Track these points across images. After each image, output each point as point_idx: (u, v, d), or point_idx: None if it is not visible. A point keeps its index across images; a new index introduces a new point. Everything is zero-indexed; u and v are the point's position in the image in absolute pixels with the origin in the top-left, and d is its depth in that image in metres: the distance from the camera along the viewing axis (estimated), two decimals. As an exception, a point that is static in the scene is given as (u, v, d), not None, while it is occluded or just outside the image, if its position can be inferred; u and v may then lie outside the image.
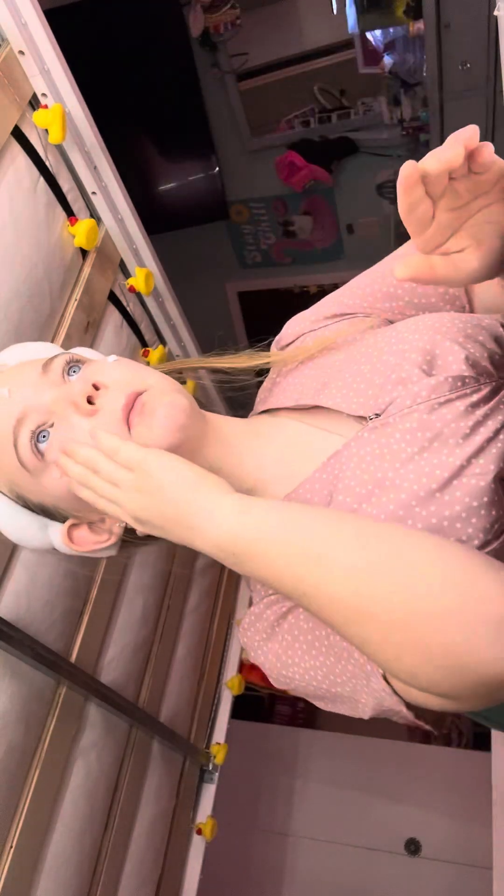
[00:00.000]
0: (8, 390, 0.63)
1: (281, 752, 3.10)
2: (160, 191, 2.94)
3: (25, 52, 1.11)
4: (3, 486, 0.66)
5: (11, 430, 0.62)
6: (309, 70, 2.65)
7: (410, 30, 2.29)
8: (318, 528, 0.52)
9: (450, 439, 0.58)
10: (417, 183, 0.49)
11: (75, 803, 1.31)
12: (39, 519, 0.68)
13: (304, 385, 0.71)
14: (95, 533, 0.68)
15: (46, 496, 0.65)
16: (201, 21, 2.44)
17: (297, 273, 3.26)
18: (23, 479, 0.64)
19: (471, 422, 0.58)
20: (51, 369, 0.64)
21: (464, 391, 0.60)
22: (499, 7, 1.10)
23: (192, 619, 1.93)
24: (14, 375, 0.66)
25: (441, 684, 0.48)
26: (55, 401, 0.62)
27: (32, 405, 0.62)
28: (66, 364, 0.65)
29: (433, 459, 0.57)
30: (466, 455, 0.57)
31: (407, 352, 0.64)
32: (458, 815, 2.77)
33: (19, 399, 0.63)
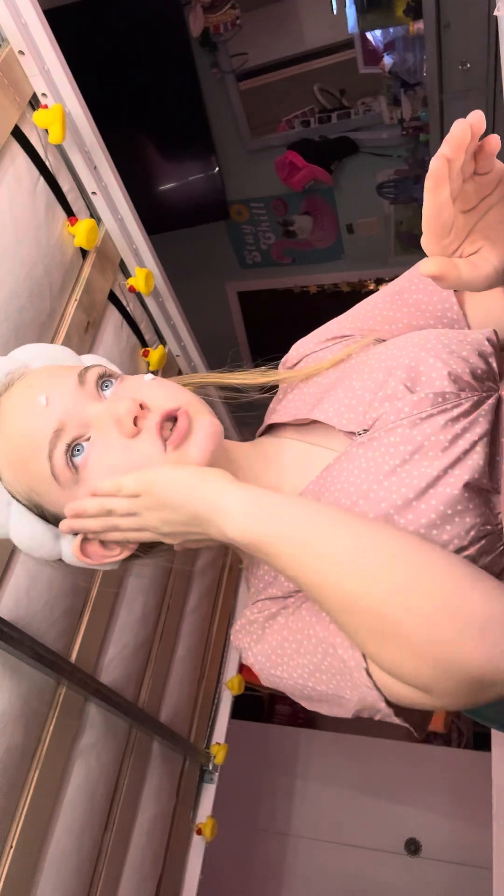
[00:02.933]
0: (46, 398, 0.62)
1: (281, 752, 3.10)
2: (160, 191, 2.94)
3: (25, 52, 1.11)
4: (21, 493, 0.65)
5: (48, 441, 0.61)
6: (309, 70, 2.65)
7: (410, 30, 2.29)
8: (318, 526, 0.55)
9: (429, 451, 0.61)
10: (446, 180, 0.50)
11: (75, 803, 1.31)
12: (53, 529, 0.67)
13: (301, 402, 0.75)
14: (107, 548, 0.68)
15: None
16: (201, 21, 2.44)
17: (297, 273, 3.26)
18: (49, 489, 0.63)
19: (450, 435, 0.61)
20: (87, 381, 0.64)
21: (444, 406, 0.62)
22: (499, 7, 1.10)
23: (192, 619, 1.93)
24: (49, 383, 0.64)
25: (426, 678, 0.51)
26: (98, 416, 0.62)
27: (72, 418, 0.62)
28: (98, 378, 0.65)
29: (413, 471, 0.60)
30: (443, 466, 0.60)
31: (393, 369, 0.67)
32: (458, 815, 2.77)
33: (59, 409, 0.62)
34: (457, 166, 0.50)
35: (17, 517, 0.67)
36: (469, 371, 0.65)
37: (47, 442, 0.61)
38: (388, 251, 3.01)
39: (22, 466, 0.63)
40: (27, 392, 0.63)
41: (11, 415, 0.63)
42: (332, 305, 3.49)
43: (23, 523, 0.67)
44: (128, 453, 0.61)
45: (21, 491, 0.65)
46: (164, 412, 0.62)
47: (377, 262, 3.07)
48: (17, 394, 0.64)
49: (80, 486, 0.62)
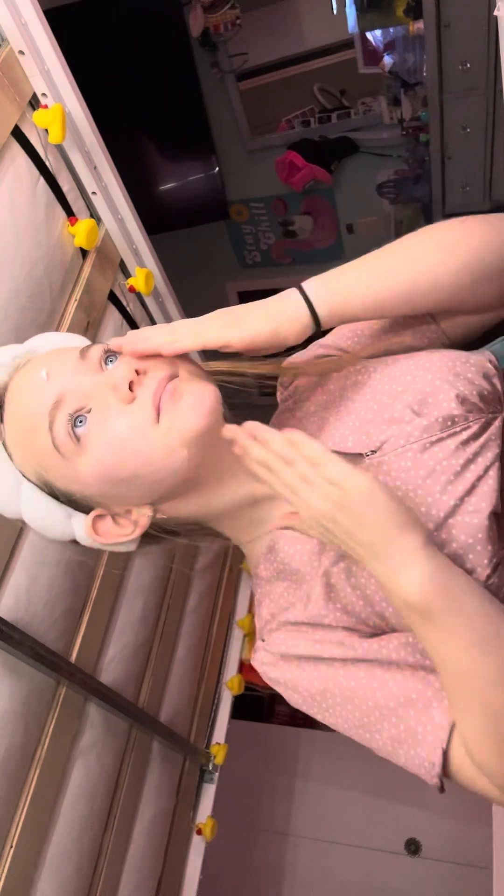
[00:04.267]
0: (46, 372, 0.62)
1: (281, 752, 3.10)
2: (160, 191, 2.94)
3: (25, 52, 1.11)
4: (31, 471, 0.65)
5: (48, 413, 0.61)
6: (309, 70, 2.65)
7: (410, 30, 2.29)
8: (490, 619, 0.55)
9: (441, 476, 0.61)
10: None
11: (75, 803, 1.31)
12: (64, 508, 0.67)
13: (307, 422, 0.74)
14: (120, 525, 0.67)
15: (76, 483, 0.64)
16: (201, 21, 2.44)
17: (297, 273, 3.26)
18: (54, 463, 0.62)
19: (462, 459, 0.61)
20: (88, 356, 0.64)
21: (453, 430, 0.63)
22: (499, 7, 1.10)
23: (192, 619, 1.93)
24: (51, 358, 0.65)
25: None
26: (95, 386, 0.61)
27: (71, 388, 0.61)
28: (103, 353, 0.64)
29: (427, 498, 0.61)
30: (459, 494, 0.60)
31: (400, 392, 0.67)
32: (458, 815, 2.77)
33: (57, 382, 0.62)
34: None
35: (28, 496, 0.66)
36: (476, 393, 0.65)
37: (47, 414, 0.61)
38: (388, 251, 3.01)
39: (27, 442, 0.63)
40: (30, 371, 0.64)
41: (16, 394, 0.64)
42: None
43: (34, 502, 0.66)
44: (126, 420, 0.60)
45: (31, 469, 0.65)
46: (164, 377, 0.61)
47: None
48: (23, 375, 0.65)
49: (83, 457, 0.61)
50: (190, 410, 0.61)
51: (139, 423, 0.60)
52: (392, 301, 0.65)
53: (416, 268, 0.65)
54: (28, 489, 0.66)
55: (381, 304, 0.65)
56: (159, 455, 0.60)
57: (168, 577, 1.76)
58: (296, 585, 0.67)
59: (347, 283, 0.65)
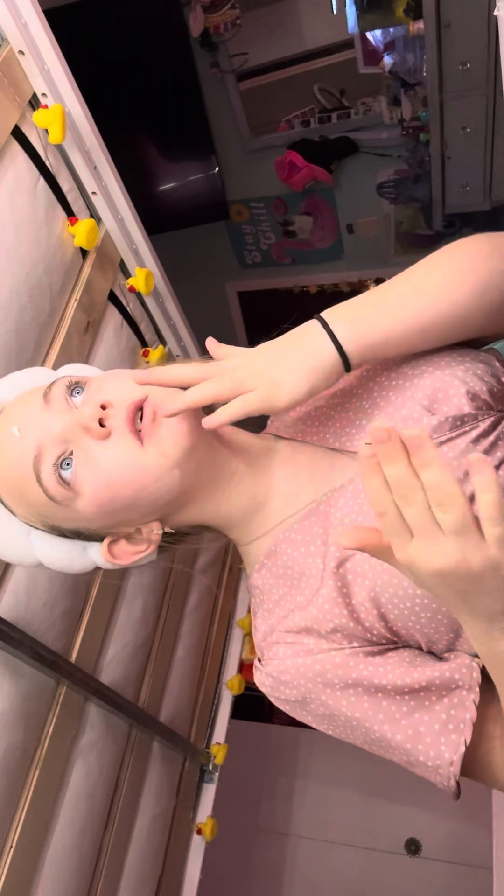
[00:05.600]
0: (17, 428, 0.63)
1: (281, 752, 3.10)
2: (160, 191, 2.94)
3: (25, 52, 1.11)
4: (35, 521, 0.66)
5: (32, 468, 0.61)
6: (309, 70, 2.65)
7: (410, 30, 2.29)
8: None
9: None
10: None
11: (75, 803, 1.31)
12: (78, 543, 0.68)
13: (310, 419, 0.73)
14: (134, 544, 0.68)
15: (80, 521, 0.65)
16: (201, 21, 2.44)
17: (297, 273, 3.26)
18: (53, 511, 0.64)
19: None
20: (52, 398, 0.63)
21: (463, 429, 0.62)
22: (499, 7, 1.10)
23: (192, 619, 1.93)
24: (18, 411, 0.65)
25: None
26: (66, 429, 0.62)
27: (45, 438, 0.62)
28: (66, 389, 0.64)
29: None
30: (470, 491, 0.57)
31: (410, 389, 0.66)
32: (458, 815, 2.77)
33: (31, 435, 0.62)
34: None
35: (40, 543, 0.67)
36: (486, 390, 0.65)
37: (32, 469, 0.61)
38: (388, 251, 3.01)
39: (23, 498, 0.64)
40: (2, 428, 0.64)
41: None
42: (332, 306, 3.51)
43: (48, 547, 0.68)
44: (110, 454, 0.61)
45: (35, 519, 0.66)
46: (129, 406, 0.61)
47: (377, 262, 3.07)
48: None
49: (79, 498, 0.62)
50: (171, 431, 0.61)
51: (124, 455, 0.61)
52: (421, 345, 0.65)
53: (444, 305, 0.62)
54: (38, 537, 0.67)
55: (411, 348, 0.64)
56: (151, 480, 0.61)
57: (168, 577, 1.76)
58: (297, 590, 0.67)
59: (382, 331, 0.61)
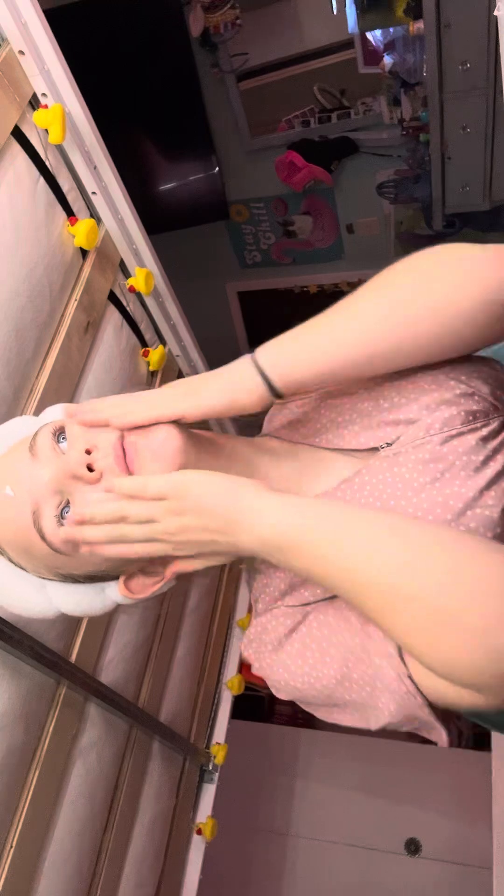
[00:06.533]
0: (10, 488, 0.62)
1: (281, 752, 3.10)
2: (160, 191, 2.94)
3: (25, 52, 1.11)
4: (46, 573, 0.66)
5: (32, 525, 0.61)
6: (309, 70, 2.65)
7: (410, 30, 2.29)
8: (359, 523, 0.54)
9: (461, 471, 0.60)
10: None
11: (75, 803, 1.31)
12: (94, 586, 0.68)
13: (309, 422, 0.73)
14: (150, 576, 0.68)
15: (89, 566, 0.65)
16: (201, 21, 2.44)
17: (297, 273, 3.26)
18: (62, 561, 0.64)
19: (482, 456, 0.61)
20: (38, 449, 0.63)
21: (474, 425, 0.63)
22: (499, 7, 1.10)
23: (192, 619, 1.93)
24: (7, 469, 0.64)
25: (481, 671, 0.48)
26: (56, 479, 0.61)
27: (40, 493, 0.61)
28: (52, 436, 0.63)
29: (445, 490, 0.60)
30: (478, 487, 0.59)
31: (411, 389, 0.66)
32: (458, 815, 2.77)
33: (24, 493, 0.62)
34: None
35: (56, 593, 0.68)
36: (489, 391, 0.65)
37: (34, 527, 0.61)
38: (388, 251, 3.01)
39: (31, 555, 0.64)
40: None
41: None
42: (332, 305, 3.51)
43: (65, 596, 0.68)
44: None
45: (46, 571, 0.66)
46: (114, 446, 0.61)
47: (377, 262, 3.04)
48: None
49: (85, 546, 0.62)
50: (156, 462, 0.60)
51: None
52: (349, 371, 0.62)
53: (372, 336, 0.60)
54: (54, 588, 0.67)
55: (338, 373, 0.62)
56: None
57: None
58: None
59: (299, 353, 0.62)
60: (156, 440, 0.61)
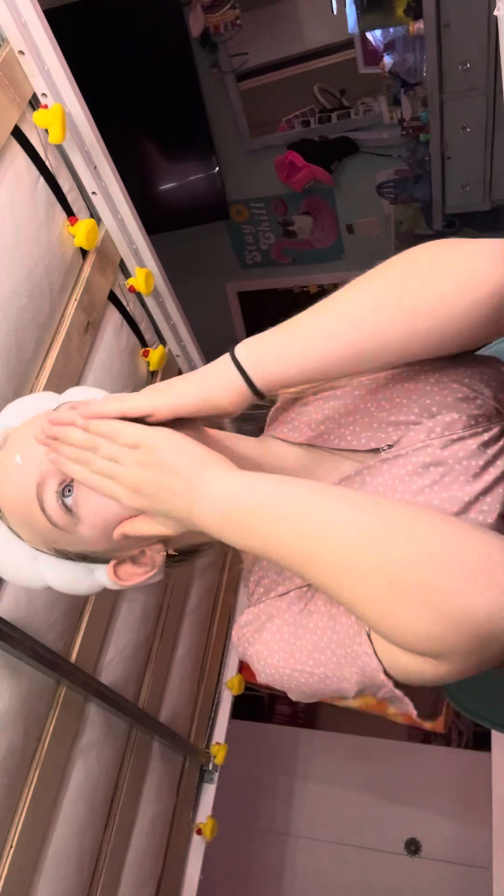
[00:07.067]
0: (20, 456, 0.64)
1: (281, 752, 3.10)
2: (160, 191, 2.94)
3: (25, 52, 1.11)
4: (42, 545, 0.67)
5: (35, 495, 0.62)
6: (309, 70, 2.65)
7: (410, 30, 2.29)
8: (315, 497, 0.54)
9: (460, 476, 0.61)
10: None
11: (75, 803, 1.31)
12: (84, 566, 0.69)
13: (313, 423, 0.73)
14: (139, 565, 0.69)
15: (83, 545, 0.66)
16: (201, 21, 2.44)
17: (297, 273, 3.26)
18: (58, 536, 0.65)
19: (482, 461, 0.61)
20: None
21: (476, 430, 0.63)
22: (499, 7, 1.10)
23: (192, 619, 1.93)
24: (21, 439, 0.66)
25: (435, 637, 0.48)
26: None
27: (46, 468, 0.62)
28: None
29: (442, 493, 0.60)
30: (476, 492, 0.60)
31: (413, 392, 0.66)
32: (458, 815, 2.77)
33: (32, 463, 0.63)
34: None
35: (47, 566, 0.69)
36: (491, 394, 0.66)
37: (35, 498, 0.62)
38: (388, 251, 2.98)
39: (28, 524, 0.65)
40: (6, 458, 0.65)
41: (2, 483, 0.65)
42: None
43: (55, 571, 0.69)
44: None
45: (41, 544, 0.67)
46: None
47: (377, 262, 3.05)
48: (2, 461, 0.66)
49: (81, 524, 0.63)
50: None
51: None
52: (335, 366, 0.60)
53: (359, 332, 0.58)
54: (46, 561, 0.69)
55: (324, 369, 0.60)
56: None
57: (168, 577, 1.76)
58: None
59: (280, 347, 0.60)
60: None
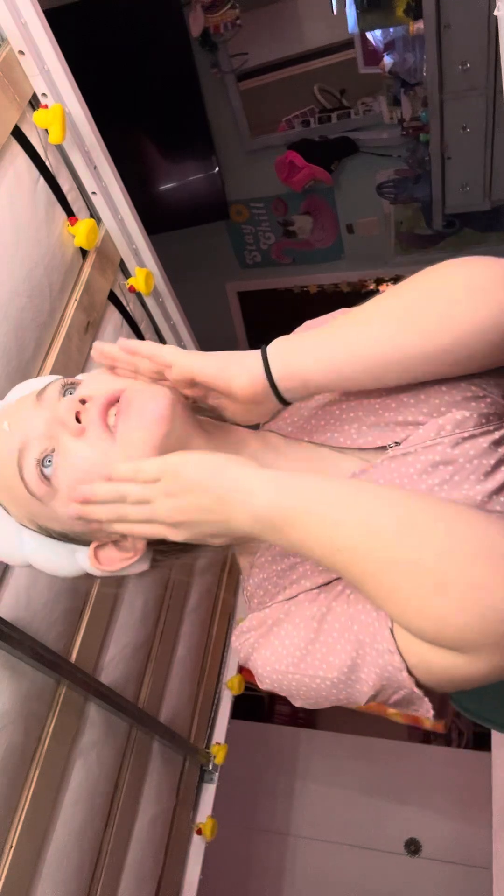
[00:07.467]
0: (7, 423, 0.65)
1: (281, 752, 3.10)
2: (160, 191, 2.94)
3: (25, 52, 1.11)
4: (26, 520, 0.67)
5: (16, 462, 0.63)
6: (309, 70, 2.65)
7: (410, 30, 2.29)
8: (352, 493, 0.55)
9: (471, 475, 0.60)
10: None
11: (75, 803, 1.31)
12: (66, 546, 0.68)
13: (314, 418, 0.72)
14: (122, 550, 0.68)
15: (63, 523, 0.65)
16: (201, 21, 2.44)
17: (297, 273, 3.26)
18: (37, 508, 0.64)
19: (493, 459, 0.60)
20: (45, 397, 0.65)
21: (487, 428, 0.62)
22: (499, 7, 1.10)
23: (192, 619, 1.93)
24: (14, 409, 0.67)
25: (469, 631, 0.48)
26: (49, 424, 0.62)
27: (29, 434, 0.63)
28: (61, 388, 0.65)
29: (453, 493, 0.59)
30: (487, 491, 0.59)
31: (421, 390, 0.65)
32: (458, 815, 2.77)
33: (17, 430, 0.63)
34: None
35: (29, 543, 0.68)
36: (502, 395, 0.65)
37: (16, 464, 0.62)
38: (388, 251, 3.01)
39: (11, 495, 0.65)
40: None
41: None
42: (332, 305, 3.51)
43: (37, 548, 0.68)
44: (84, 450, 0.61)
45: (25, 518, 0.67)
46: (104, 399, 0.62)
47: (377, 262, 3.07)
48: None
49: (58, 497, 0.62)
50: (139, 420, 0.61)
51: (97, 450, 0.61)
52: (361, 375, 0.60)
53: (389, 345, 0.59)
54: (28, 537, 0.68)
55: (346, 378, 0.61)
56: None
57: (168, 577, 1.76)
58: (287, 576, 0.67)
59: (309, 347, 0.61)
60: (148, 399, 0.62)
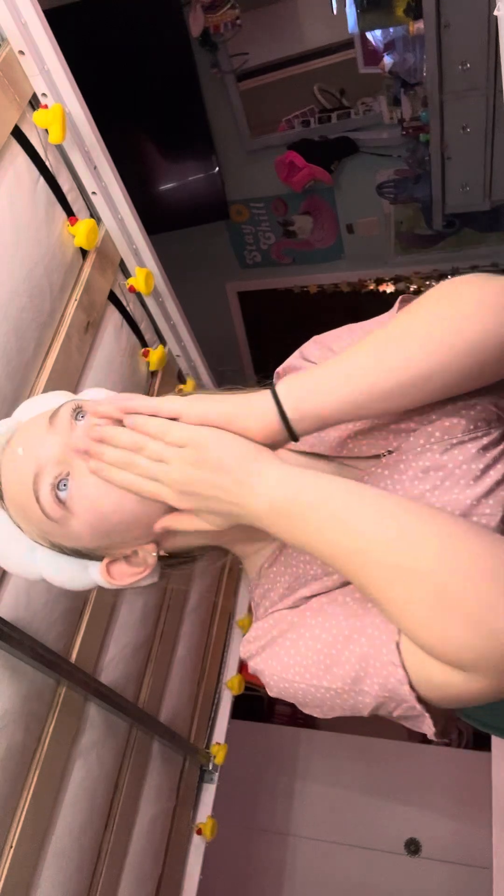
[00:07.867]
0: (21, 448, 0.66)
1: (281, 752, 3.10)
2: (160, 191, 2.94)
3: (25, 52, 1.11)
4: (39, 538, 0.68)
5: (31, 486, 0.64)
6: (309, 70, 2.65)
7: (410, 30, 2.29)
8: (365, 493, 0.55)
9: (461, 480, 0.61)
10: None
11: (75, 803, 1.31)
12: (79, 562, 0.70)
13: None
14: (133, 565, 0.70)
15: (76, 540, 0.66)
16: (201, 21, 2.44)
17: (297, 273, 3.26)
18: (52, 529, 0.66)
19: (482, 464, 0.61)
20: (57, 420, 0.66)
21: (475, 434, 0.63)
22: (499, 7, 1.10)
23: (192, 619, 1.93)
24: (26, 432, 0.68)
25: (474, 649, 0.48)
26: (64, 450, 0.64)
27: (45, 458, 0.64)
28: (72, 411, 0.66)
29: (444, 498, 0.61)
30: (477, 495, 0.60)
31: None
32: (458, 815, 2.77)
33: (32, 455, 0.64)
34: None
35: (43, 559, 0.70)
36: (491, 401, 0.66)
37: (31, 488, 0.64)
38: (388, 251, 3.01)
39: (26, 515, 0.66)
40: (12, 449, 0.67)
41: (4, 473, 0.67)
42: (332, 305, 3.52)
43: (50, 563, 0.70)
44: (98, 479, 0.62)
45: (38, 536, 0.68)
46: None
47: (377, 262, 3.07)
48: (6, 453, 0.68)
49: (73, 519, 0.64)
50: None
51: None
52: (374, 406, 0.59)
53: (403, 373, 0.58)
54: (42, 553, 0.70)
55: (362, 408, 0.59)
56: (134, 503, 0.63)
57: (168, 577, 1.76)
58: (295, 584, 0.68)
59: (324, 388, 0.59)
60: None
